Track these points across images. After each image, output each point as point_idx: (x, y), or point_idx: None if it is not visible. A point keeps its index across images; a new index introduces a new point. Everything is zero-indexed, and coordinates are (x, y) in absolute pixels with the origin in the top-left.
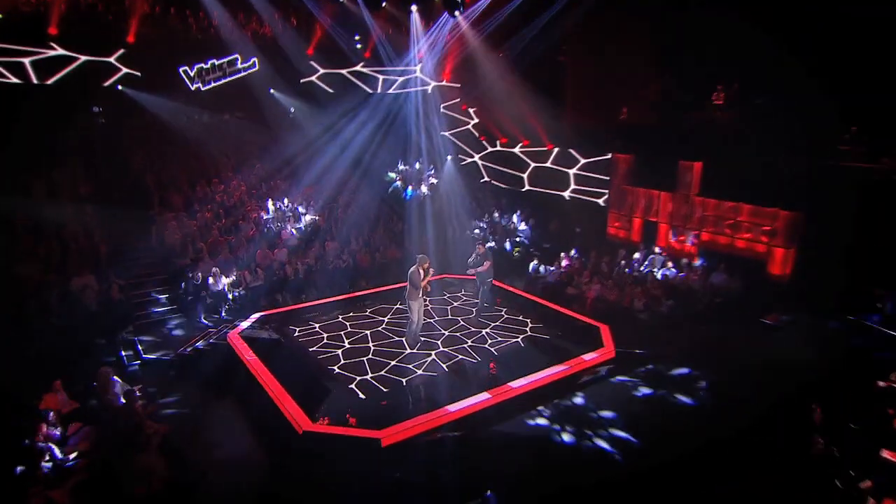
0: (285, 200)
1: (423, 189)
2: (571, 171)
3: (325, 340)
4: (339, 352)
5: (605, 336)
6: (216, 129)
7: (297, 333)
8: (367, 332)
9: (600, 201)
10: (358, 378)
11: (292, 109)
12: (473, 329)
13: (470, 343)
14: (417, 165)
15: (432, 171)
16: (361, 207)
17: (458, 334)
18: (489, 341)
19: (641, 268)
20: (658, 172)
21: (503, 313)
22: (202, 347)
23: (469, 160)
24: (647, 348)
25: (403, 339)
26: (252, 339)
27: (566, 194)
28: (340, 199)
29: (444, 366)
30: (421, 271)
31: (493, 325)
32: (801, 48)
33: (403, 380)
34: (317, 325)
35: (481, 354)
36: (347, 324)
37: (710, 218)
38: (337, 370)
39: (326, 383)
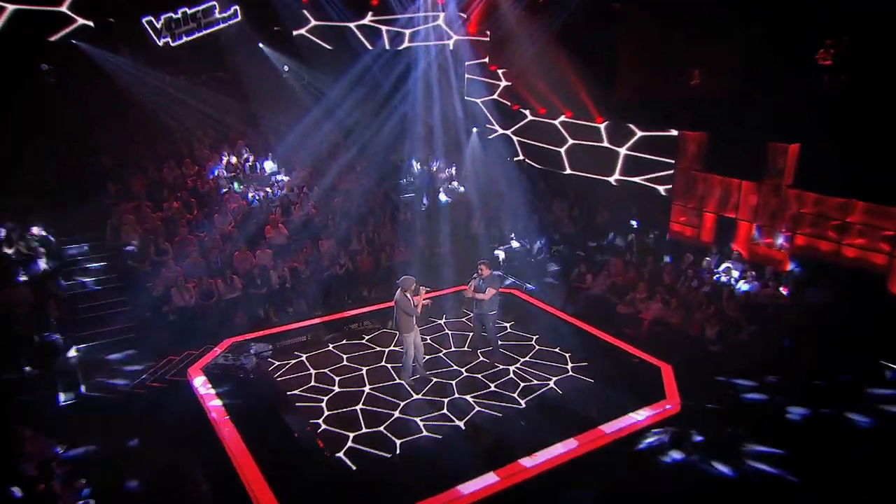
0: (245, 153)
1: (442, 196)
2: (622, 151)
3: (311, 382)
4: (325, 401)
5: (668, 380)
6: (191, 96)
7: (275, 368)
8: (364, 369)
9: (661, 189)
10: (350, 436)
11: (286, 68)
12: (497, 365)
13: (494, 387)
14: (435, 167)
15: (454, 170)
16: (364, 196)
17: (478, 376)
18: (521, 385)
19: (714, 277)
20: (740, 155)
21: (534, 343)
22: (154, 385)
23: (499, 133)
24: (722, 403)
25: (403, 381)
26: (218, 378)
27: (612, 179)
28: (339, 184)
29: (459, 422)
30: (409, 296)
31: (523, 359)
32: None
33: (398, 441)
34: (303, 356)
35: (507, 405)
36: (343, 356)
37: (808, 216)
38: (323, 425)
39: (307, 446)
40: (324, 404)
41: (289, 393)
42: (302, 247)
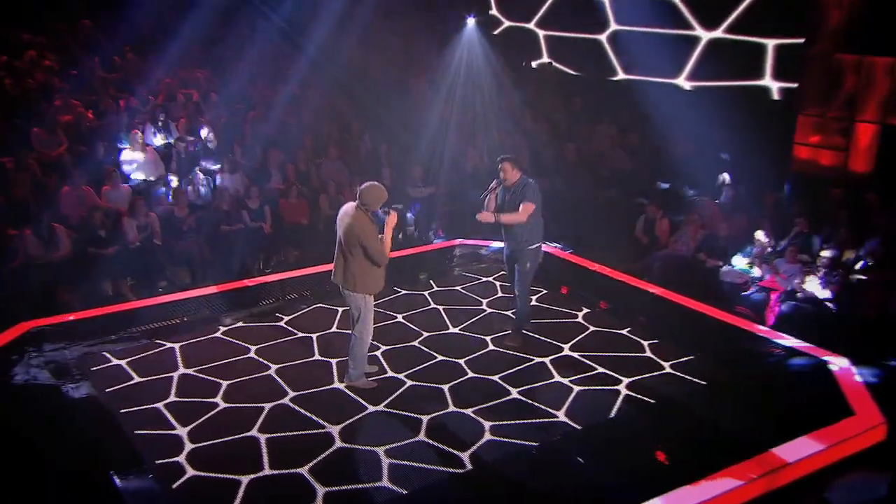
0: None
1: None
2: (707, 35)
3: (171, 394)
4: (194, 425)
5: (851, 384)
6: None
7: (108, 370)
8: (274, 367)
9: (773, 89)
10: (242, 483)
11: None
12: (518, 358)
13: (517, 393)
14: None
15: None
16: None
17: (493, 379)
18: (573, 392)
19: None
20: None
21: (582, 320)
22: None
23: (505, 26)
24: None
25: (351, 384)
26: None
27: (684, 81)
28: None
29: (461, 454)
30: (372, 218)
31: (568, 348)
32: None
33: (322, 491)
34: (175, 347)
35: (544, 426)
36: (251, 348)
37: None
38: (188, 469)
39: None
40: (185, 432)
41: (124, 412)
42: (185, 183)
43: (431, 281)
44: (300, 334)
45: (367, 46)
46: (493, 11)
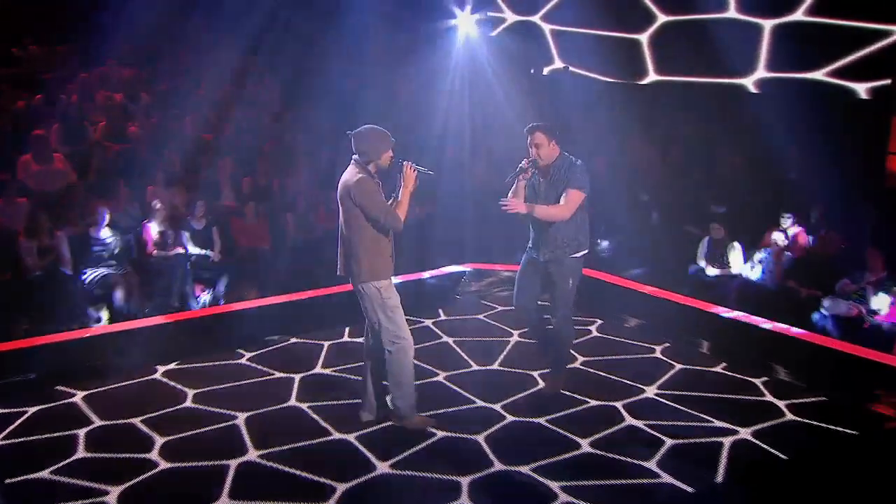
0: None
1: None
2: (769, 24)
3: (79, 449)
4: (121, 491)
5: None
6: None
7: None
8: (243, 416)
9: (860, 91)
10: None
11: None
12: (579, 401)
13: (586, 446)
14: None
15: None
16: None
17: (553, 428)
18: (659, 452)
19: None
20: None
21: (660, 354)
22: None
23: (510, 22)
24: None
25: (391, 419)
26: None
27: (751, 81)
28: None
29: None
30: (374, 172)
31: (652, 390)
32: None
33: None
34: (76, 398)
35: (630, 488)
36: (188, 392)
37: None
38: None
39: None
40: (113, 498)
41: (12, 482)
42: (111, 195)
43: (440, 310)
44: (278, 374)
45: (339, 36)
46: (496, 13)
